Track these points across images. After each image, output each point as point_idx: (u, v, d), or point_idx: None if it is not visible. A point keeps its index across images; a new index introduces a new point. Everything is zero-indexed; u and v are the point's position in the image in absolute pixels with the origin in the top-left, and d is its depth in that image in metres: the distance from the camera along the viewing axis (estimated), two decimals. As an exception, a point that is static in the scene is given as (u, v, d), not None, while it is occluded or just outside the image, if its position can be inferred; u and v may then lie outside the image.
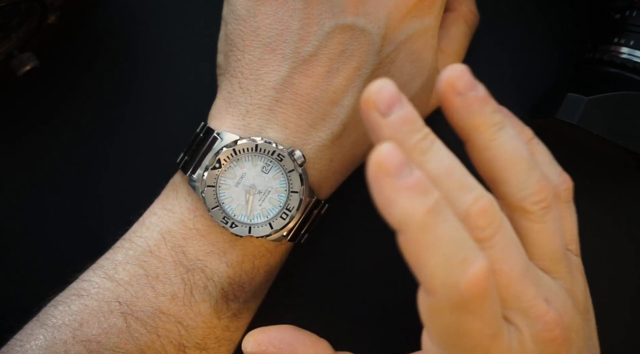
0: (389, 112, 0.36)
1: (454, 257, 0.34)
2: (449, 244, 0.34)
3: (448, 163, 0.37)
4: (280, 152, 0.45)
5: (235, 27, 0.47)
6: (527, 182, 0.40)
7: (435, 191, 0.35)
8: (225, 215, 0.45)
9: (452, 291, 0.34)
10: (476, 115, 0.39)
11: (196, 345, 0.46)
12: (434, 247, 0.34)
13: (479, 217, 0.37)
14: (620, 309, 0.54)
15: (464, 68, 0.39)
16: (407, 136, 0.37)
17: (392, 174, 0.34)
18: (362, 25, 0.45)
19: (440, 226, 0.34)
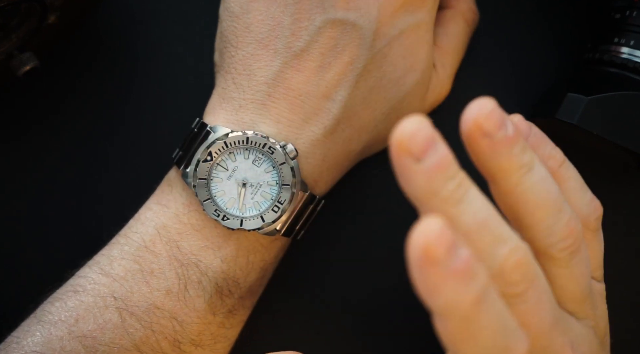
0: (424, 156, 0.32)
1: (496, 346, 0.32)
2: (493, 333, 0.32)
3: (483, 215, 0.34)
4: (271, 145, 0.45)
5: (229, 24, 0.48)
6: (555, 227, 0.37)
7: (483, 272, 0.31)
8: (217, 208, 0.46)
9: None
10: (503, 158, 0.35)
11: (191, 341, 0.46)
12: (476, 337, 0.32)
13: (513, 272, 0.34)
14: (620, 309, 0.54)
15: (494, 106, 0.35)
16: (442, 184, 0.32)
17: (439, 261, 0.30)
18: (353, 19, 0.46)
19: (484, 317, 0.32)
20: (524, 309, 0.35)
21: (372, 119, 0.48)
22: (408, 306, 0.54)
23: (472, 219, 0.33)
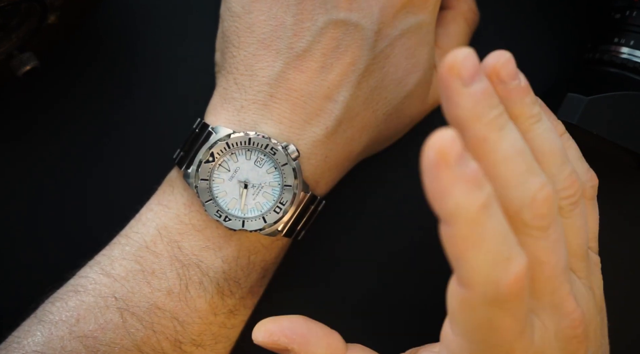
0: (471, 82, 0.35)
1: (499, 254, 0.33)
2: (497, 241, 0.33)
3: (521, 145, 0.36)
4: (273, 145, 0.45)
5: (231, 24, 0.47)
6: (560, 176, 0.39)
7: (488, 184, 0.33)
8: (219, 208, 0.45)
9: (492, 288, 0.34)
10: (517, 105, 0.38)
11: (192, 341, 0.46)
12: (481, 243, 0.33)
13: (543, 204, 0.36)
14: (620, 309, 0.54)
15: (509, 56, 0.38)
16: (486, 110, 0.35)
17: (451, 164, 0.32)
18: (355, 20, 0.46)
19: (489, 222, 0.33)
20: (544, 245, 0.36)
21: (374, 120, 0.48)
22: (408, 306, 0.54)
23: (511, 146, 0.35)
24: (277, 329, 0.44)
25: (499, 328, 0.35)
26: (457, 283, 0.35)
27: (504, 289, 0.33)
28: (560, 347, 0.39)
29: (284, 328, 0.44)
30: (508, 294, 0.34)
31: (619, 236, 0.54)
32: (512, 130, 0.36)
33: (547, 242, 0.37)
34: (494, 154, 0.35)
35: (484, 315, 0.35)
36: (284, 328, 0.44)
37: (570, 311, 0.38)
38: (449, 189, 0.32)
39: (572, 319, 0.38)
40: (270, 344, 0.44)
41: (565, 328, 0.38)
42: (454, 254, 0.34)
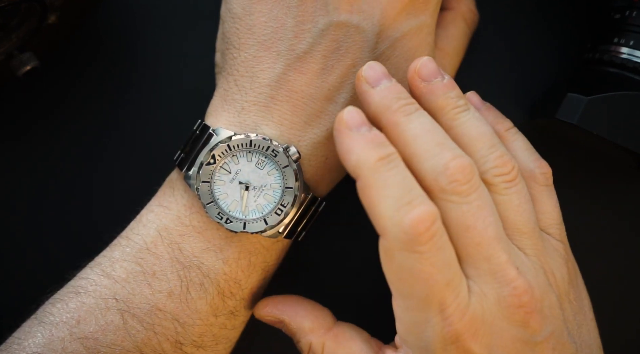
0: (377, 84, 0.43)
1: (400, 198, 0.39)
2: (397, 188, 0.39)
3: (430, 125, 0.42)
4: (274, 148, 0.45)
5: (232, 25, 0.47)
6: (490, 156, 0.43)
7: (391, 147, 0.41)
8: (220, 211, 0.45)
9: (398, 229, 0.38)
10: (440, 98, 0.44)
11: (193, 343, 0.46)
12: (383, 189, 0.39)
13: (457, 172, 0.40)
14: (620, 308, 0.54)
15: (428, 58, 0.44)
16: (393, 101, 0.42)
17: (352, 128, 0.41)
18: (356, 22, 0.45)
19: (390, 172, 0.39)
20: (467, 210, 0.41)
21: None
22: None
23: (419, 125, 0.42)
24: (272, 303, 0.49)
25: (419, 275, 0.39)
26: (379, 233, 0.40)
27: (409, 228, 0.38)
28: (504, 315, 0.40)
29: (278, 303, 0.49)
30: (415, 235, 0.38)
31: (619, 236, 0.54)
32: (421, 114, 0.42)
33: (470, 207, 0.40)
34: (405, 134, 0.41)
35: (401, 261, 0.39)
36: (277, 303, 0.49)
37: (510, 279, 0.40)
38: (351, 147, 0.40)
39: (514, 287, 0.40)
40: (266, 316, 0.49)
41: (507, 296, 0.40)
42: (365, 205, 0.40)
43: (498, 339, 0.40)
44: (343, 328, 0.48)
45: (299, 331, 0.48)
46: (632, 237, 0.54)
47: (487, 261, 0.40)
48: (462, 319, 0.39)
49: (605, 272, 0.54)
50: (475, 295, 0.40)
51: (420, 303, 0.40)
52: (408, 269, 0.39)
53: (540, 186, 0.46)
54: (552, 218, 0.46)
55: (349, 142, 0.40)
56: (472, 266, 0.41)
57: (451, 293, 0.39)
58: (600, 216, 0.55)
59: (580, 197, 0.55)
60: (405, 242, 0.38)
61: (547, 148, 0.54)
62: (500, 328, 0.40)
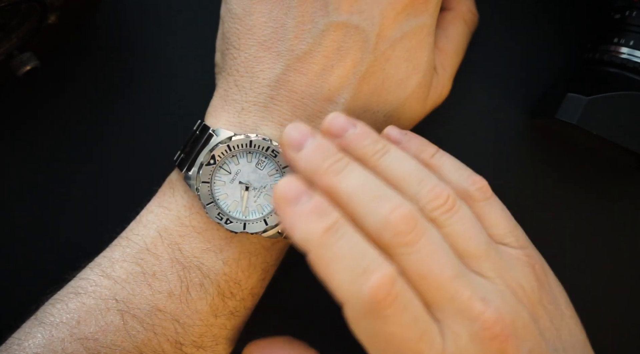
0: (302, 146, 0.42)
1: (355, 268, 0.38)
2: (349, 257, 0.38)
3: (362, 180, 0.41)
4: (274, 148, 0.45)
5: (232, 25, 0.47)
6: (421, 192, 0.42)
7: (335, 212, 0.39)
8: (220, 211, 0.45)
9: (358, 300, 0.37)
10: (358, 149, 0.43)
11: (193, 343, 0.46)
12: (335, 261, 0.38)
13: (399, 223, 0.39)
14: (620, 308, 0.54)
15: (336, 114, 0.44)
16: (320, 162, 0.41)
17: (291, 203, 0.39)
18: (356, 22, 0.45)
19: (339, 242, 0.38)
20: (418, 259, 0.39)
21: (374, 121, 0.48)
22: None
23: (351, 182, 0.40)
24: (258, 348, 0.47)
25: (389, 337, 0.38)
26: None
27: (370, 297, 0.37)
28: (481, 350, 0.39)
29: (264, 347, 0.47)
30: (377, 302, 0.37)
31: (619, 235, 0.54)
32: (352, 169, 0.41)
33: (421, 255, 0.39)
34: (340, 194, 0.40)
35: (369, 327, 0.38)
36: (263, 347, 0.47)
37: (478, 314, 0.39)
38: (294, 223, 0.39)
39: (483, 321, 0.39)
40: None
41: (478, 331, 0.39)
42: (321, 277, 0.39)
43: None
44: None
45: None
46: (633, 237, 0.54)
47: (452, 302, 0.39)
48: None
49: (605, 272, 0.54)
50: (449, 338, 0.39)
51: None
52: (377, 334, 0.38)
53: (480, 203, 0.45)
54: (503, 228, 0.45)
55: (291, 218, 0.39)
56: (439, 310, 0.39)
57: (425, 345, 0.38)
58: (600, 216, 0.55)
59: (580, 197, 0.55)
60: (368, 311, 0.37)
61: (547, 148, 0.54)
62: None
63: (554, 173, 0.54)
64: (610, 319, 0.54)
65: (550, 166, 0.54)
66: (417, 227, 0.39)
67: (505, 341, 0.39)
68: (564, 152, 0.55)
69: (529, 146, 0.55)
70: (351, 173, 0.41)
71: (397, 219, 0.39)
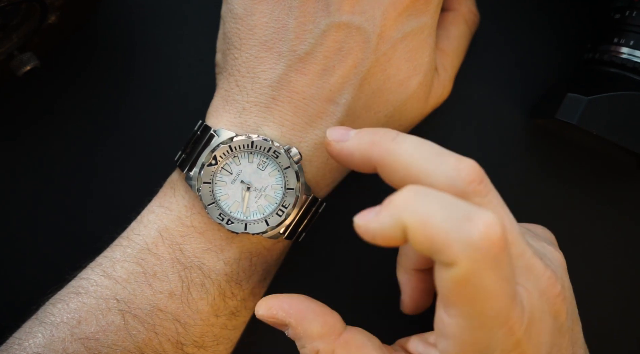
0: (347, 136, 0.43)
1: (456, 219, 0.34)
2: (446, 209, 0.35)
3: (419, 140, 0.40)
4: (276, 149, 0.45)
5: (233, 25, 0.47)
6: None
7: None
8: (222, 212, 0.45)
9: (471, 247, 0.34)
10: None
11: (194, 343, 0.47)
12: (432, 217, 0.35)
13: (470, 171, 0.38)
14: (620, 308, 0.54)
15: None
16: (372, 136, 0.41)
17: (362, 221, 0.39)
18: (357, 23, 0.45)
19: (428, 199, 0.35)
20: (492, 209, 0.38)
21: (375, 122, 0.48)
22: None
23: (411, 144, 0.39)
24: (277, 304, 0.44)
25: (493, 294, 0.35)
26: (444, 267, 0.35)
27: (481, 243, 0.34)
28: (547, 308, 0.39)
29: (283, 303, 0.44)
30: (489, 245, 0.34)
31: (620, 235, 0.54)
32: (404, 136, 0.40)
33: (493, 206, 0.38)
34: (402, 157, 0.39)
35: (478, 283, 0.35)
36: (282, 303, 0.44)
37: (543, 270, 0.39)
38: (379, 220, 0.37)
39: (547, 278, 0.39)
40: (269, 318, 0.44)
41: (546, 288, 0.39)
42: (426, 248, 0.35)
43: (543, 335, 0.39)
44: (354, 334, 0.44)
45: (306, 336, 0.43)
46: (633, 237, 0.54)
47: (522, 258, 0.39)
48: (521, 326, 0.37)
49: (605, 272, 0.54)
50: (524, 297, 0.38)
51: (489, 321, 0.36)
52: (484, 289, 0.35)
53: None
54: None
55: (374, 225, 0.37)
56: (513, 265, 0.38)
57: (516, 306, 0.37)
58: (600, 216, 0.55)
59: (580, 197, 0.55)
60: (482, 261, 0.34)
61: (547, 148, 0.54)
62: (545, 322, 0.39)
63: (554, 173, 0.55)
64: (610, 319, 0.54)
65: (550, 166, 0.55)
66: (485, 179, 0.38)
67: (564, 300, 0.40)
68: (564, 152, 0.55)
69: (529, 146, 0.55)
70: (406, 137, 0.40)
71: (468, 167, 0.38)
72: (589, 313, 0.48)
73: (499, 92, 0.55)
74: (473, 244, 0.34)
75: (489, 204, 0.38)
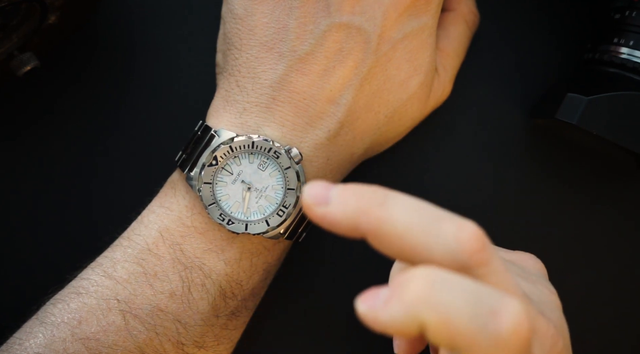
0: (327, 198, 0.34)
1: (480, 315, 0.31)
2: (466, 305, 0.31)
3: (411, 202, 0.34)
4: (276, 149, 0.45)
5: (233, 26, 0.47)
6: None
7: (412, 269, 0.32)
8: (222, 212, 0.45)
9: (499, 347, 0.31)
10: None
11: (194, 343, 0.47)
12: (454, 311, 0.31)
13: (472, 240, 0.33)
14: (620, 308, 0.54)
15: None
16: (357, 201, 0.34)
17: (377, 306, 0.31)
18: (358, 23, 0.45)
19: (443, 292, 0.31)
20: (497, 280, 0.34)
21: (375, 122, 0.48)
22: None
23: (402, 209, 0.33)
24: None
25: None
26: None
27: (510, 340, 0.31)
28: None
29: None
30: (517, 343, 0.31)
31: (620, 235, 0.54)
32: (394, 196, 0.34)
33: (498, 275, 0.34)
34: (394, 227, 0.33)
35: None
36: None
37: (545, 330, 0.36)
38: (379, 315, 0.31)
39: (551, 337, 0.37)
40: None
41: (550, 348, 0.37)
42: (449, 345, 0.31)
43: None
44: None
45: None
46: (633, 237, 0.54)
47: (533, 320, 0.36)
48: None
49: (605, 272, 0.54)
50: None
51: None
52: None
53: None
54: None
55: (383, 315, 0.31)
56: None
57: None
58: (600, 216, 0.55)
59: (580, 197, 0.55)
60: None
61: (547, 148, 0.54)
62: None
63: (554, 173, 0.55)
64: (610, 319, 0.54)
65: (550, 166, 0.55)
66: (486, 245, 0.33)
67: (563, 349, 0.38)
68: (564, 152, 0.55)
69: (529, 146, 0.55)
70: (396, 200, 0.34)
71: (469, 237, 0.33)
72: (588, 313, 0.48)
73: (499, 92, 0.55)
74: (501, 343, 0.31)
75: (494, 275, 0.34)
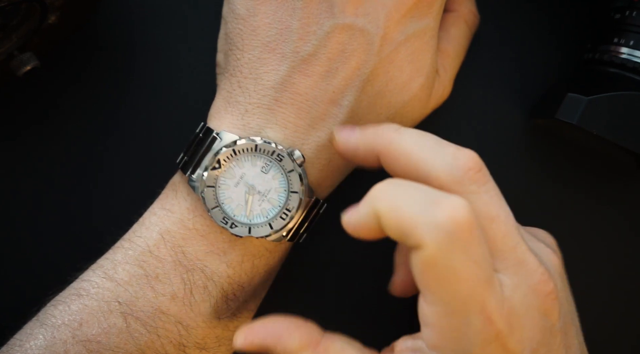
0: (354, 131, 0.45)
1: (426, 202, 0.37)
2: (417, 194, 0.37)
3: (419, 132, 0.42)
4: (279, 152, 0.45)
5: (235, 26, 0.47)
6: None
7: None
8: (225, 215, 0.45)
9: (435, 229, 0.36)
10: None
11: (196, 345, 0.46)
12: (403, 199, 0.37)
13: (468, 160, 0.40)
14: (620, 308, 0.54)
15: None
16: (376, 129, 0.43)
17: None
18: (361, 25, 0.45)
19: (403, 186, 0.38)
20: (488, 198, 0.40)
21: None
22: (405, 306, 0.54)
23: (412, 135, 0.41)
24: (251, 331, 0.44)
25: (463, 275, 0.36)
26: (414, 251, 0.37)
27: (447, 225, 0.36)
28: (536, 305, 0.40)
29: (257, 329, 0.44)
30: (456, 229, 0.36)
31: (619, 235, 0.55)
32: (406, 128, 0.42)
33: (490, 196, 0.40)
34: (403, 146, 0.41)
35: (446, 264, 0.36)
36: (256, 329, 0.44)
37: (535, 267, 0.40)
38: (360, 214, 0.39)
39: (540, 274, 0.40)
40: (248, 346, 0.44)
41: (536, 285, 0.39)
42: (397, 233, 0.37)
43: (529, 331, 0.39)
44: (332, 340, 0.44)
45: (286, 352, 0.43)
46: (632, 237, 0.55)
47: (514, 251, 0.39)
48: (501, 315, 0.38)
49: (605, 272, 0.54)
50: (508, 288, 0.39)
51: (462, 306, 0.37)
52: (452, 270, 0.36)
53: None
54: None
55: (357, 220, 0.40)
56: (500, 258, 0.39)
57: (492, 290, 0.37)
58: (600, 216, 0.55)
59: (580, 197, 0.55)
60: (447, 241, 0.36)
61: (547, 148, 0.54)
62: (532, 318, 0.39)
63: (554, 173, 0.55)
64: (610, 319, 0.54)
65: (550, 166, 0.55)
66: (484, 168, 0.40)
67: (555, 299, 0.40)
68: (564, 152, 0.55)
69: (529, 146, 0.55)
70: (408, 129, 0.42)
71: (467, 156, 0.40)
72: (588, 313, 0.48)
73: (499, 92, 0.55)
74: (438, 226, 0.36)
75: (486, 194, 0.39)
